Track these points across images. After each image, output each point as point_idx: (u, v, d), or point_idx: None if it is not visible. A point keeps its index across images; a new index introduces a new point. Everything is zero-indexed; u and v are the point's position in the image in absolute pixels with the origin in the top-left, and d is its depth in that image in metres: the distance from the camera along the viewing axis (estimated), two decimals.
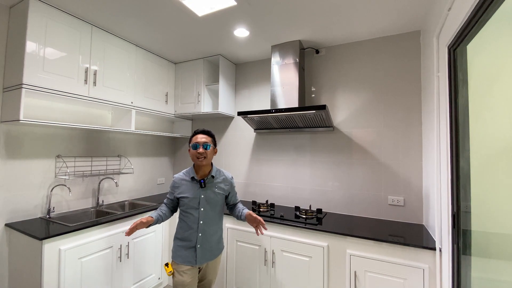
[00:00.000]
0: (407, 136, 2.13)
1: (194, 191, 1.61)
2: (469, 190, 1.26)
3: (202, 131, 1.65)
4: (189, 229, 1.59)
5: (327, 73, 2.49)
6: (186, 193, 1.61)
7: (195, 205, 1.59)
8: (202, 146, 1.58)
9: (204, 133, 1.65)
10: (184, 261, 1.58)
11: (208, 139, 1.63)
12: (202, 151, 1.57)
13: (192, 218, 1.60)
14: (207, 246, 1.61)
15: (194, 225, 1.59)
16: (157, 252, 2.37)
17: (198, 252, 1.58)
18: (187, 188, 1.62)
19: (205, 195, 1.61)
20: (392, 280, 1.63)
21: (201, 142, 1.59)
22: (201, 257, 1.59)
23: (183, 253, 1.59)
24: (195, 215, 1.59)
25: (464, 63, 1.30)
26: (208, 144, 1.60)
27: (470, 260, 1.26)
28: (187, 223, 1.60)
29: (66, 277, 1.67)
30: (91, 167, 2.39)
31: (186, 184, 1.63)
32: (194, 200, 1.60)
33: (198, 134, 1.64)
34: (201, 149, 1.57)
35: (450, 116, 1.36)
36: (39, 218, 1.99)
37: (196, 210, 1.60)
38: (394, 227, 1.97)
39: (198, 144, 1.58)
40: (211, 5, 1.82)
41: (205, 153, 1.58)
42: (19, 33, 1.76)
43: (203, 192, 1.61)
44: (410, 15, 1.93)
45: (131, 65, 2.44)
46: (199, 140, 1.59)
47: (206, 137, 1.63)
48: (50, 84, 1.82)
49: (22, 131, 1.94)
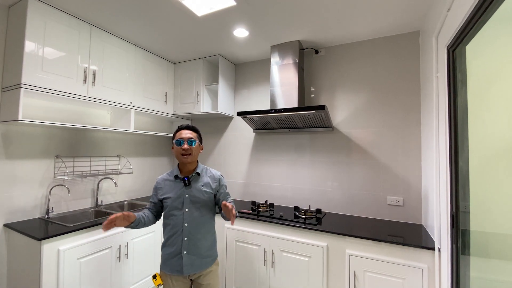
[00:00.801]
0: (407, 136, 2.13)
1: (177, 191, 1.48)
2: (468, 190, 1.26)
3: (186, 127, 1.53)
4: (174, 234, 1.45)
5: (326, 74, 2.50)
6: (169, 193, 1.49)
7: (179, 205, 1.46)
8: (187, 142, 1.46)
9: (189, 129, 1.53)
10: (172, 271, 1.43)
11: (193, 134, 1.51)
12: (186, 148, 1.45)
13: (175, 220, 1.45)
14: (195, 252, 1.44)
15: (179, 228, 1.44)
16: (156, 252, 2.37)
17: (184, 259, 1.42)
18: (170, 188, 1.50)
19: (190, 194, 1.47)
20: (391, 280, 1.63)
21: (185, 137, 1.47)
22: (188, 265, 1.43)
23: (171, 262, 1.44)
24: (179, 217, 1.45)
25: (463, 64, 1.31)
26: (193, 140, 1.48)
27: (469, 260, 1.26)
28: (171, 226, 1.46)
29: (65, 277, 1.66)
30: (90, 167, 2.39)
31: (169, 184, 1.52)
32: (178, 200, 1.46)
33: (182, 129, 1.52)
34: (186, 145, 1.45)
35: (449, 117, 1.37)
36: (38, 218, 1.98)
37: (180, 211, 1.45)
38: (393, 227, 1.97)
39: (182, 140, 1.46)
40: (211, 5, 1.82)
41: (190, 149, 1.46)
42: (18, 33, 1.76)
43: (188, 191, 1.48)
44: (410, 16, 1.93)
45: (130, 65, 2.44)
46: (184, 136, 1.48)
47: (191, 133, 1.51)
48: (49, 84, 1.81)
49: (20, 131, 1.93)
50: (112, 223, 1.26)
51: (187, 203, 1.46)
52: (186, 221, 1.44)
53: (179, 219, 1.45)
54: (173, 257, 1.44)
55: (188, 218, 1.45)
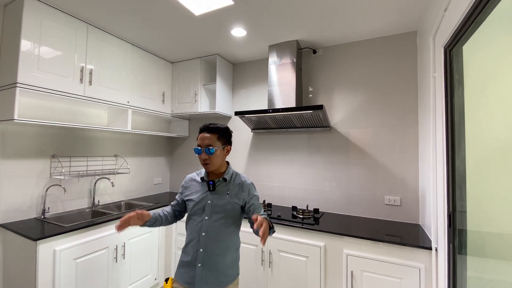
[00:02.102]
0: (404, 136, 2.14)
1: (201, 194, 1.33)
2: (464, 190, 1.26)
3: (206, 128, 1.31)
4: (190, 241, 1.30)
5: (324, 73, 2.50)
6: (193, 195, 1.35)
7: (199, 211, 1.30)
8: (205, 151, 1.27)
9: (209, 131, 1.30)
10: (184, 281, 1.28)
11: (213, 139, 1.28)
12: (205, 158, 1.28)
13: (194, 227, 1.30)
14: (210, 267, 1.25)
15: (196, 236, 1.28)
16: (153, 253, 2.36)
17: (197, 272, 1.25)
18: (195, 190, 1.36)
19: (213, 201, 1.30)
20: (388, 279, 1.63)
21: (203, 145, 1.28)
22: (201, 280, 1.24)
23: (184, 271, 1.29)
24: (197, 224, 1.29)
25: (460, 64, 1.31)
26: (212, 148, 1.26)
27: (465, 259, 1.26)
28: (190, 232, 1.33)
29: (61, 278, 1.65)
30: (87, 167, 2.37)
31: (195, 185, 1.38)
32: (199, 204, 1.31)
33: (202, 132, 1.32)
34: (204, 155, 1.27)
35: (446, 116, 1.37)
36: (34, 218, 1.97)
37: (200, 217, 1.29)
38: (391, 226, 1.97)
39: (200, 149, 1.28)
40: (208, 4, 1.82)
41: (209, 159, 1.27)
42: (13, 32, 1.74)
43: (211, 196, 1.31)
44: (407, 16, 1.93)
45: (128, 64, 2.43)
46: (202, 143, 1.28)
47: (211, 137, 1.28)
48: (45, 83, 1.80)
49: (16, 130, 1.92)
50: (126, 223, 1.20)
51: (208, 210, 1.29)
52: (204, 230, 1.27)
53: (197, 227, 1.29)
54: (187, 266, 1.29)
55: (207, 227, 1.27)
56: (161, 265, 2.46)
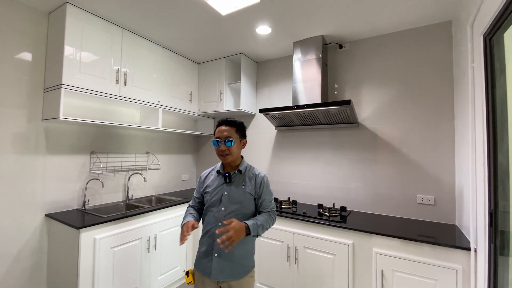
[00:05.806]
0: (438, 131, 2.03)
1: (217, 186, 1.41)
2: (508, 186, 1.18)
3: (224, 121, 1.40)
4: (207, 231, 1.37)
5: (351, 68, 2.44)
6: (210, 187, 1.43)
7: (216, 202, 1.37)
8: (224, 142, 1.35)
9: (227, 124, 1.39)
10: (203, 272, 1.34)
11: (231, 131, 1.37)
12: (223, 149, 1.35)
13: (211, 217, 1.37)
14: (226, 258, 1.31)
15: (213, 227, 1.35)
16: (181, 247, 2.45)
17: (214, 263, 1.31)
18: (212, 182, 1.44)
19: (229, 193, 1.37)
20: (422, 280, 1.56)
21: (222, 137, 1.36)
22: (217, 270, 1.30)
23: (203, 262, 1.36)
24: (215, 214, 1.36)
25: (502, 52, 1.22)
26: (231, 140, 1.34)
27: (508, 261, 1.18)
28: (206, 223, 1.40)
29: (100, 264, 1.77)
30: (121, 162, 2.52)
31: (212, 178, 1.46)
32: (216, 195, 1.38)
33: (220, 125, 1.40)
34: (223, 146, 1.35)
35: (486, 108, 1.29)
36: (76, 209, 2.13)
37: (217, 208, 1.36)
38: (424, 226, 1.88)
39: (219, 141, 1.36)
40: (235, 3, 1.85)
41: (228, 150, 1.35)
42: (58, 38, 1.90)
43: (227, 188, 1.38)
44: (441, 5, 1.84)
45: (158, 66, 2.55)
46: (221, 135, 1.37)
47: (229, 129, 1.37)
48: (86, 84, 1.94)
49: (60, 128, 2.09)
50: (185, 237, 1.27)
51: (225, 201, 1.36)
52: (220, 220, 1.33)
53: (215, 217, 1.35)
54: (205, 257, 1.35)
55: (224, 218, 1.33)
56: (189, 258, 2.55)
